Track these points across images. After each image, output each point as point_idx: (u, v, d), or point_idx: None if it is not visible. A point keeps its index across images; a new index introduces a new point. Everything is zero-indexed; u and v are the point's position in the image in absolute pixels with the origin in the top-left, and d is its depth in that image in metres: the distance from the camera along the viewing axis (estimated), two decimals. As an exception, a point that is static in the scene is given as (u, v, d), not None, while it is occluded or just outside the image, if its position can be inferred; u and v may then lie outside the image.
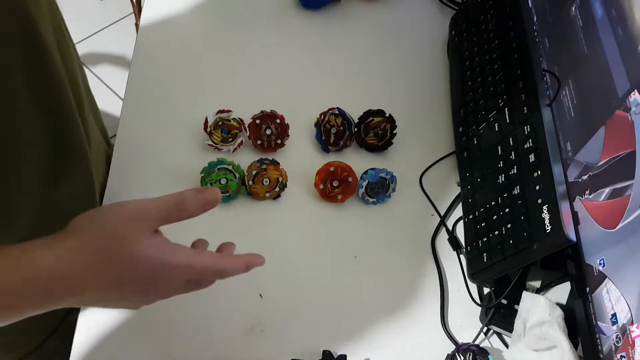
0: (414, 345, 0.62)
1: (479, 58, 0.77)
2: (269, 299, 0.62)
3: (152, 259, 0.41)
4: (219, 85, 0.79)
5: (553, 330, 0.55)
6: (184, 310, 0.61)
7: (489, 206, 0.64)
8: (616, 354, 0.49)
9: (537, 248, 0.56)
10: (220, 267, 0.45)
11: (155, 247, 0.42)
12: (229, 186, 0.66)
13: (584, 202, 0.57)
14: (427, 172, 0.74)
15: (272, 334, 0.60)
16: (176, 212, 0.43)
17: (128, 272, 0.41)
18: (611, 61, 0.56)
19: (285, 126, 0.70)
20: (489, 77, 0.74)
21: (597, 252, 0.54)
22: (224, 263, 0.45)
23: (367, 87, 0.81)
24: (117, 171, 0.69)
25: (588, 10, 0.62)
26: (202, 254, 0.44)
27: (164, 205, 0.43)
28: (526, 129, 0.64)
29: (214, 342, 0.59)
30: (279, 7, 0.89)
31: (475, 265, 0.63)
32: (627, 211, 0.50)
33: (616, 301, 0.50)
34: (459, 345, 0.59)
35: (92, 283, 0.40)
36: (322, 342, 0.60)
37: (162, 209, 0.43)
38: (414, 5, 0.92)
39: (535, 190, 0.59)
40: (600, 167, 0.55)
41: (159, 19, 0.85)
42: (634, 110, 0.51)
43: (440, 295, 0.65)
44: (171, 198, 0.43)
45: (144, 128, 0.73)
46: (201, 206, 0.44)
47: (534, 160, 0.61)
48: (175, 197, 0.43)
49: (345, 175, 0.68)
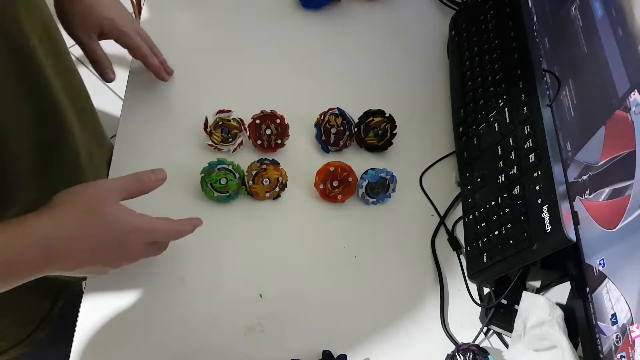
0: (414, 345, 0.62)
1: (479, 58, 0.77)
2: (269, 299, 0.62)
3: (123, 221, 0.51)
4: (219, 85, 0.79)
5: (553, 330, 0.55)
6: (184, 310, 0.61)
7: (488, 206, 0.64)
8: (616, 354, 0.49)
9: (537, 248, 0.56)
10: (174, 228, 0.55)
11: (125, 212, 0.51)
12: (229, 186, 0.66)
13: (584, 202, 0.57)
14: (427, 172, 0.74)
15: (272, 334, 0.60)
16: (137, 187, 0.54)
17: (106, 232, 0.50)
18: (611, 61, 0.56)
19: (285, 126, 0.70)
20: (489, 77, 0.73)
21: (597, 252, 0.54)
22: (177, 225, 0.56)
23: (367, 87, 0.81)
24: (117, 171, 0.69)
25: (588, 10, 0.62)
26: (160, 219, 0.54)
27: (127, 182, 0.53)
28: (526, 129, 0.64)
29: (214, 342, 0.59)
30: (279, 7, 0.89)
31: (475, 265, 0.63)
32: (627, 211, 0.50)
33: (616, 301, 0.50)
34: (459, 345, 0.59)
35: (77, 244, 0.48)
36: (322, 342, 0.60)
37: (126, 185, 0.53)
38: (414, 5, 0.92)
39: (535, 190, 0.59)
40: (600, 167, 0.55)
41: (159, 19, 0.85)
42: (634, 110, 0.51)
43: (440, 295, 0.65)
44: (131, 176, 0.54)
45: (144, 128, 0.73)
46: (154, 182, 0.55)
47: (534, 160, 0.61)
48: (134, 176, 0.54)
49: (345, 175, 0.68)
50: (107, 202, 0.50)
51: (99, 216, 0.49)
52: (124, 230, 0.51)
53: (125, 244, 0.52)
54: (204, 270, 0.63)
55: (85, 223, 0.48)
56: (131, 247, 0.53)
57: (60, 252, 0.47)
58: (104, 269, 0.53)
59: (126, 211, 0.52)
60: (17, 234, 0.45)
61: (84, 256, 0.49)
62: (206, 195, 0.66)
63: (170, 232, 0.55)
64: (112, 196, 0.51)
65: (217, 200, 0.67)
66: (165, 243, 0.58)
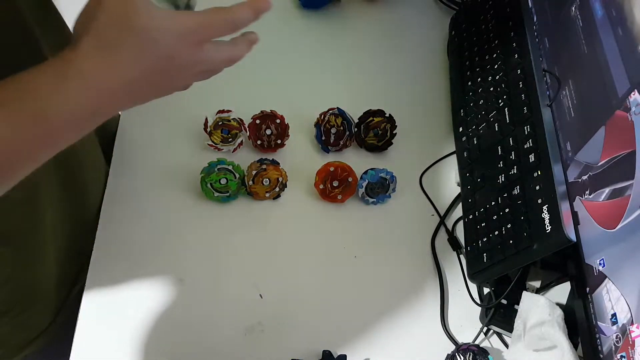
0: (414, 345, 0.61)
1: (479, 58, 0.77)
2: (269, 299, 0.62)
3: (163, 27, 0.40)
4: (219, 85, 0.78)
5: (553, 331, 0.55)
6: (184, 310, 0.61)
7: (489, 206, 0.64)
8: (616, 354, 0.49)
9: (537, 248, 0.56)
10: (231, 17, 0.43)
11: (161, 15, 0.40)
12: (229, 186, 0.66)
13: (584, 202, 0.57)
14: (427, 172, 0.74)
15: (272, 334, 0.60)
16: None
17: (150, 47, 0.40)
18: (611, 61, 0.56)
19: (285, 126, 0.70)
20: (489, 77, 0.73)
21: (597, 252, 0.54)
22: (234, 12, 0.43)
23: (367, 87, 0.81)
24: (117, 171, 0.69)
25: (588, 10, 0.62)
26: (205, 12, 0.42)
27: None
28: (526, 129, 0.64)
29: (214, 342, 0.59)
30: (279, 7, 0.88)
31: (475, 266, 0.63)
32: (627, 211, 0.50)
33: (616, 301, 0.50)
34: (459, 346, 0.59)
35: (126, 69, 0.40)
36: (322, 342, 0.60)
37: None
38: (414, 6, 0.92)
39: (535, 190, 0.59)
40: (600, 167, 0.55)
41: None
42: (634, 110, 0.51)
43: (440, 295, 0.65)
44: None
45: (144, 128, 0.73)
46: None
47: (534, 160, 0.61)
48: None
49: (345, 175, 0.68)
50: (138, 12, 0.39)
51: (134, 30, 0.39)
52: (167, 39, 0.40)
53: (173, 60, 0.41)
54: (204, 270, 0.63)
55: (125, 44, 0.39)
56: (183, 65, 0.43)
57: (114, 84, 0.40)
58: (160, 90, 0.44)
59: (162, 13, 0.40)
60: (68, 72, 0.38)
61: (138, 79, 0.41)
62: (206, 195, 0.66)
63: (226, 24, 0.43)
64: (138, 5, 0.39)
65: (217, 200, 0.67)
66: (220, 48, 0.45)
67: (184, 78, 0.45)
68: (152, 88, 0.43)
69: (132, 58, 0.40)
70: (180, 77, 0.44)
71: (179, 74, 0.44)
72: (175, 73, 0.43)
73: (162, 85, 0.43)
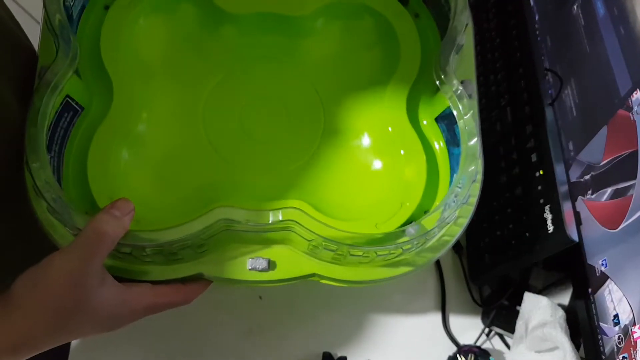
0: (415, 346, 0.61)
1: (480, 57, 0.77)
2: (268, 301, 0.62)
3: (110, 310, 0.41)
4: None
5: (555, 332, 0.55)
6: (184, 312, 0.60)
7: (490, 206, 0.63)
8: (618, 355, 0.49)
9: (539, 249, 0.56)
10: (180, 298, 0.47)
11: (110, 298, 0.41)
12: (229, 187, 0.65)
13: (586, 202, 0.56)
14: (428, 172, 0.73)
15: (272, 335, 0.60)
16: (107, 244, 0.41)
17: (91, 322, 0.41)
18: (613, 60, 0.56)
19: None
20: (490, 76, 0.73)
21: (600, 253, 0.53)
22: (183, 294, 0.47)
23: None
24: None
25: (590, 9, 0.62)
26: (159, 292, 0.45)
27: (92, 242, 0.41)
28: (528, 129, 0.63)
29: (214, 345, 0.59)
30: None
31: (476, 266, 0.62)
32: (629, 211, 0.50)
33: (618, 302, 0.50)
34: (461, 347, 0.59)
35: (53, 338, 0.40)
36: (322, 344, 0.60)
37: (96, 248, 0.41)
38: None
39: (537, 190, 0.58)
40: (602, 167, 0.55)
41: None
42: (636, 110, 0.51)
43: (442, 297, 0.64)
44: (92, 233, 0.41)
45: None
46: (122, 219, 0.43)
47: (535, 160, 0.60)
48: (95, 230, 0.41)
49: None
50: (87, 288, 0.39)
51: (80, 310, 0.39)
52: (114, 315, 0.42)
53: (117, 321, 0.43)
54: (203, 271, 0.63)
55: (63, 320, 0.39)
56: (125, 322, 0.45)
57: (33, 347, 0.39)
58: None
59: (113, 296, 0.41)
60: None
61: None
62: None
63: (173, 303, 0.47)
64: (92, 276, 0.40)
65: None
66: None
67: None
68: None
69: (75, 327, 0.40)
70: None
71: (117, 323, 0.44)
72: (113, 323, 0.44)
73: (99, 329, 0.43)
